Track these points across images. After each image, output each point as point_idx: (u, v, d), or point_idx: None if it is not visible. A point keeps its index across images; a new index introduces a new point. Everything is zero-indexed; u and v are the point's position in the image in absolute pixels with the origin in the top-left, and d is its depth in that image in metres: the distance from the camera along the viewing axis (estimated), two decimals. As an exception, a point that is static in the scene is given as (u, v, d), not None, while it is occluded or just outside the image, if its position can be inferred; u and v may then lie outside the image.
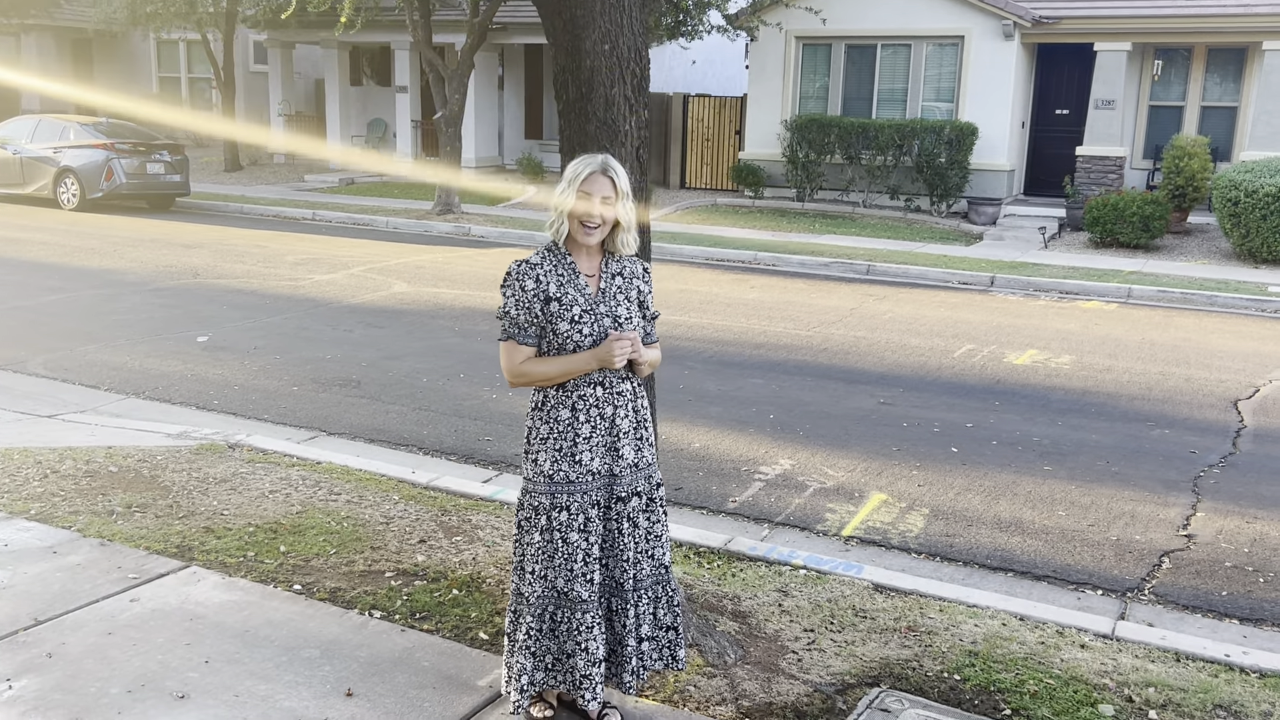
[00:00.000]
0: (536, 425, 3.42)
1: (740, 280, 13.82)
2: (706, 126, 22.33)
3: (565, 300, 3.34)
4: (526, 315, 3.35)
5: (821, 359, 9.54)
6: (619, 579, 3.49)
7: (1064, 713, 3.86)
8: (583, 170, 3.35)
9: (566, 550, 3.40)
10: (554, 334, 3.35)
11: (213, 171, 25.11)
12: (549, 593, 3.43)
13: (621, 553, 3.47)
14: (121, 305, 11.00)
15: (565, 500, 3.38)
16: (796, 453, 6.99)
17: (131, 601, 4.36)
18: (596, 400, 3.39)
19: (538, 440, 3.41)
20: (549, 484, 3.38)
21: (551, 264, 3.39)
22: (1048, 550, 5.60)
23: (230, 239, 16.16)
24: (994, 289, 13.86)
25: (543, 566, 3.41)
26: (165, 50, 30.15)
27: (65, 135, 19.16)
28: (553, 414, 3.38)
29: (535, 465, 3.41)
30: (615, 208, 3.37)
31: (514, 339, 3.37)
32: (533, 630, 3.43)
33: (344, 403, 7.88)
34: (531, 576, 3.42)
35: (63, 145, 18.98)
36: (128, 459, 6.15)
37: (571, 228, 3.37)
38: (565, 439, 3.38)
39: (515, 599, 3.52)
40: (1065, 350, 10.11)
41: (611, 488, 3.44)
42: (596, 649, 3.40)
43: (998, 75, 18.83)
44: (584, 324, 3.35)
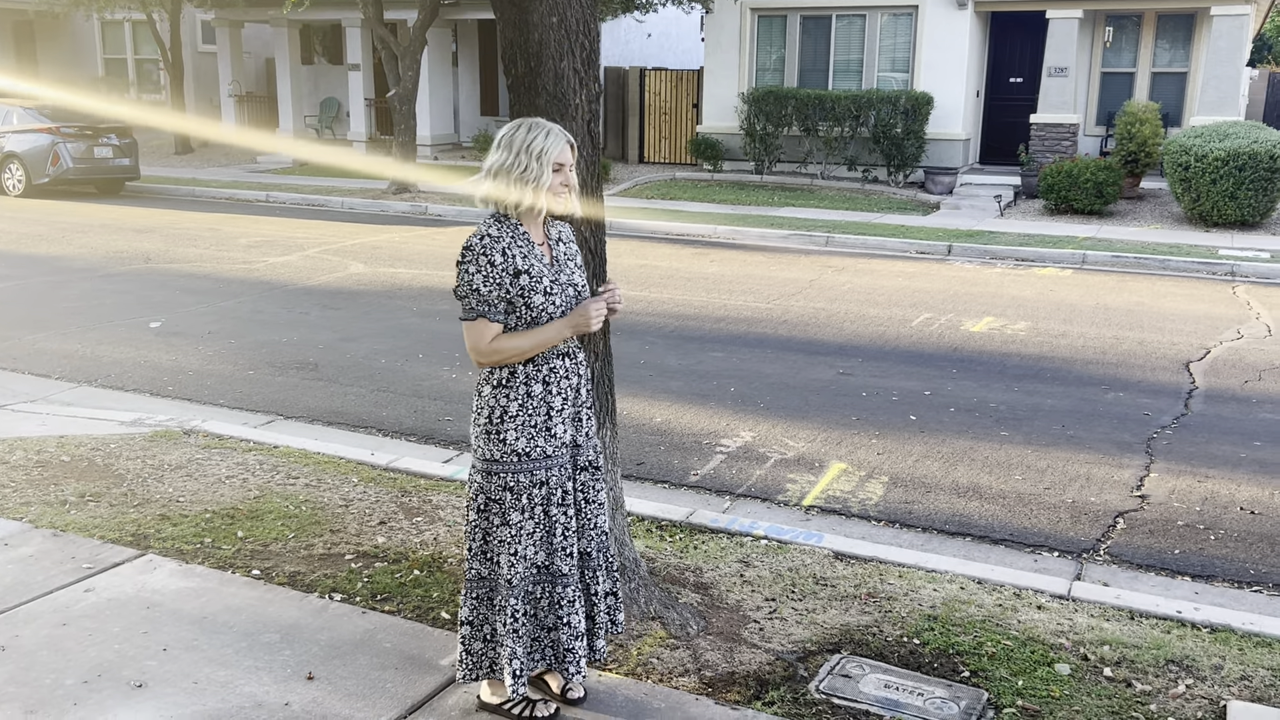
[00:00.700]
0: (502, 403, 3.32)
1: (700, 254, 13.82)
2: (664, 101, 22.25)
3: (534, 273, 3.29)
4: (497, 291, 3.25)
5: (781, 331, 9.57)
6: (586, 548, 3.50)
7: (1021, 673, 3.92)
8: (551, 145, 3.28)
9: (548, 524, 3.39)
10: (526, 308, 3.27)
11: (163, 154, 24.72)
12: (529, 571, 3.39)
13: (588, 521, 3.49)
14: (71, 292, 10.81)
15: (544, 475, 3.35)
16: (757, 425, 7.01)
17: (86, 592, 4.30)
18: (565, 371, 3.39)
19: (505, 419, 3.31)
20: (524, 461, 3.33)
21: (510, 235, 3.32)
22: (1005, 514, 5.67)
23: (182, 222, 15.93)
24: (951, 258, 13.95)
25: (523, 546, 3.36)
26: (110, 31, 29.57)
27: (8, 120, 18.76)
28: (523, 389, 3.31)
29: (503, 445, 3.31)
30: (572, 173, 3.38)
31: (484, 316, 3.27)
32: (518, 613, 3.37)
33: (301, 386, 7.80)
34: (513, 558, 3.35)
35: (6, 130, 18.59)
36: (80, 448, 6.06)
37: (548, 201, 3.32)
38: (538, 414, 3.33)
39: (478, 584, 3.45)
40: (1021, 317, 10.20)
41: (576, 458, 3.45)
42: (579, 623, 3.40)
43: (952, 44, 18.90)
44: (555, 295, 3.32)
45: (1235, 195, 14.91)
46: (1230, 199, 14.97)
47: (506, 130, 3.37)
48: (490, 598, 3.44)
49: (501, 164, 3.32)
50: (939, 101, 18.76)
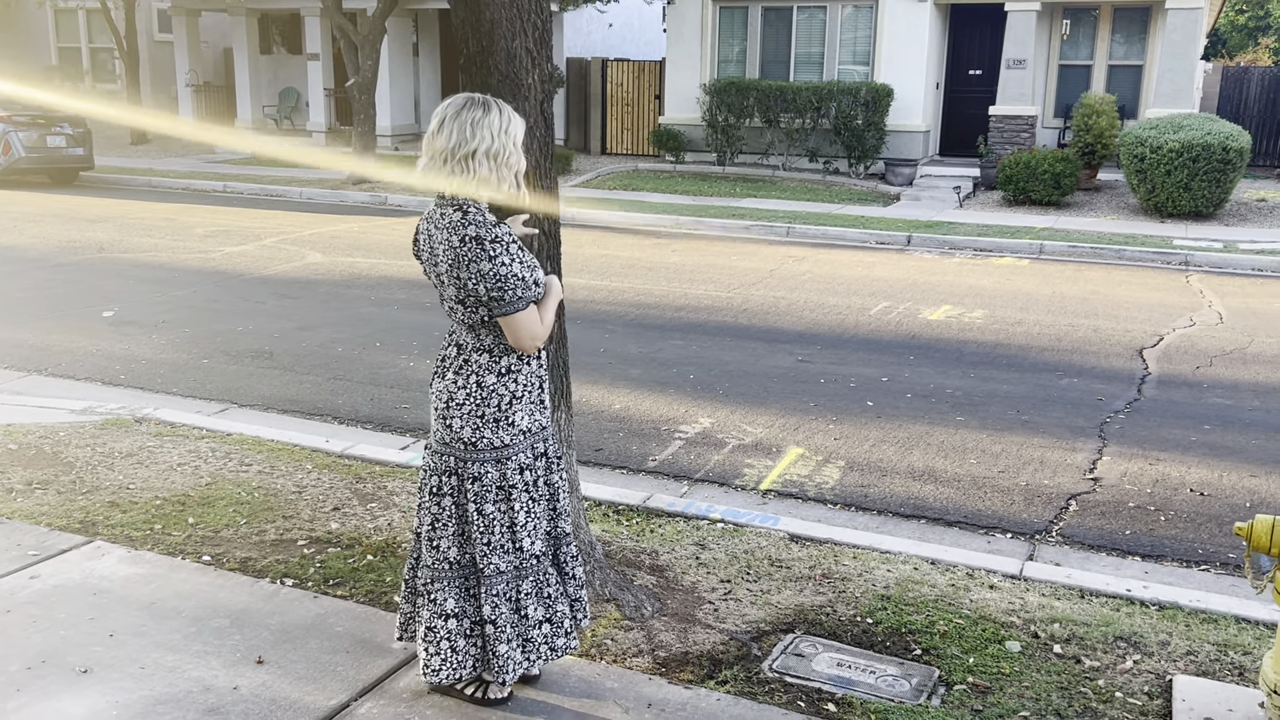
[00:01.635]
0: (510, 389, 3.25)
1: (662, 245, 13.81)
2: (626, 92, 22.22)
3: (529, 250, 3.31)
4: (531, 274, 3.16)
5: (741, 319, 9.59)
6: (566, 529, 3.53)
7: (972, 650, 3.95)
8: (519, 128, 3.23)
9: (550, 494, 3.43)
10: (536, 285, 3.22)
11: (119, 144, 24.37)
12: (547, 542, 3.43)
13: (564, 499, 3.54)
14: (22, 282, 10.63)
15: (543, 447, 3.38)
16: (716, 411, 7.02)
17: (31, 579, 4.23)
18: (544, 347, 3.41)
19: (514, 402, 3.25)
20: (529, 437, 3.31)
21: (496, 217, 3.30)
22: (959, 497, 5.71)
23: (137, 212, 15.71)
24: (910, 248, 14.04)
25: (539, 519, 3.36)
26: (64, 19, 29.10)
27: (-41, 108, 18.41)
28: (528, 369, 3.28)
29: (513, 427, 3.25)
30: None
31: (534, 302, 3.19)
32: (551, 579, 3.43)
33: (256, 374, 7.72)
34: (532, 534, 3.33)
35: (-44, 119, 18.24)
36: (28, 436, 5.97)
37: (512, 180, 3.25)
38: (535, 388, 3.32)
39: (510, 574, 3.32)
40: (979, 305, 10.28)
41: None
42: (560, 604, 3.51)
43: (911, 37, 19.00)
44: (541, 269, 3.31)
45: (1189, 186, 15.11)
46: (1184, 190, 15.16)
47: (469, 111, 3.16)
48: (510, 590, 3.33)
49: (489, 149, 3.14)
50: (899, 94, 18.86)
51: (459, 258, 3.09)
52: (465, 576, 3.37)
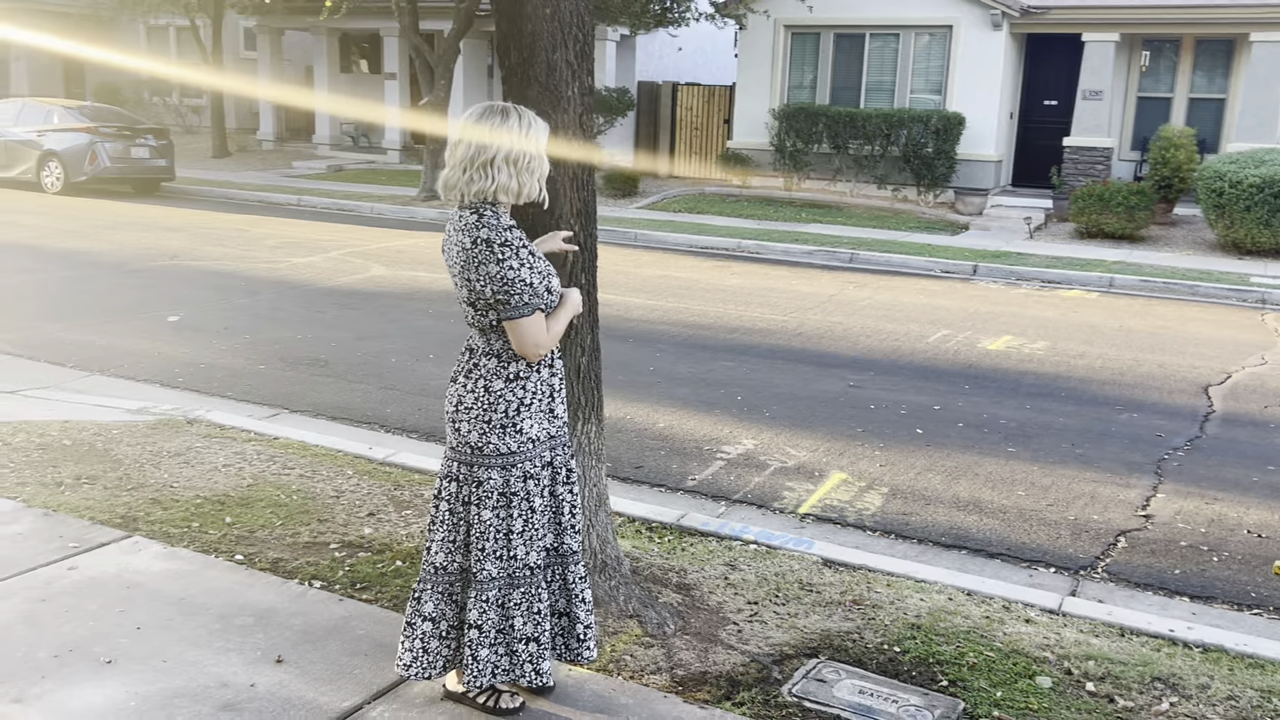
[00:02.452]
0: (519, 395, 3.25)
1: (722, 267, 13.78)
2: (695, 115, 22.28)
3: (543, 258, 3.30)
4: (541, 281, 3.18)
5: (795, 343, 9.51)
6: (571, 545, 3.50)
7: (1001, 684, 3.84)
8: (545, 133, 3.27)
9: (555, 505, 3.41)
10: (548, 292, 3.24)
11: (201, 157, 25.03)
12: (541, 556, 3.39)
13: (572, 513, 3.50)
14: (95, 286, 10.95)
15: (549, 456, 3.36)
16: (760, 433, 6.95)
17: (69, 569, 4.33)
18: (555, 354, 3.39)
19: (521, 409, 3.25)
20: (537, 446, 3.30)
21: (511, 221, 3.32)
22: (1004, 529, 5.57)
23: (212, 223, 16.11)
24: (976, 277, 13.83)
25: (540, 531, 3.34)
26: (155, 36, 30.04)
27: (49, 119, 19.09)
28: (537, 376, 3.28)
29: (520, 434, 3.25)
30: None
31: (540, 309, 3.20)
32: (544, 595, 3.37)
33: (310, 381, 7.84)
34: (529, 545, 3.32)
35: (47, 129, 18.91)
36: (83, 432, 6.11)
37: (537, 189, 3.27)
38: (545, 396, 3.31)
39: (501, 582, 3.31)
40: (1041, 336, 10.08)
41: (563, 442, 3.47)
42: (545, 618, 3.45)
43: (985, 65, 18.79)
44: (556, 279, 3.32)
45: (1269, 223, 14.68)
46: (1264, 226, 14.73)
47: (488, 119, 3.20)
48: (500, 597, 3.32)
49: (508, 154, 3.17)
50: (971, 122, 18.64)
51: (469, 259, 3.12)
52: (450, 582, 3.36)
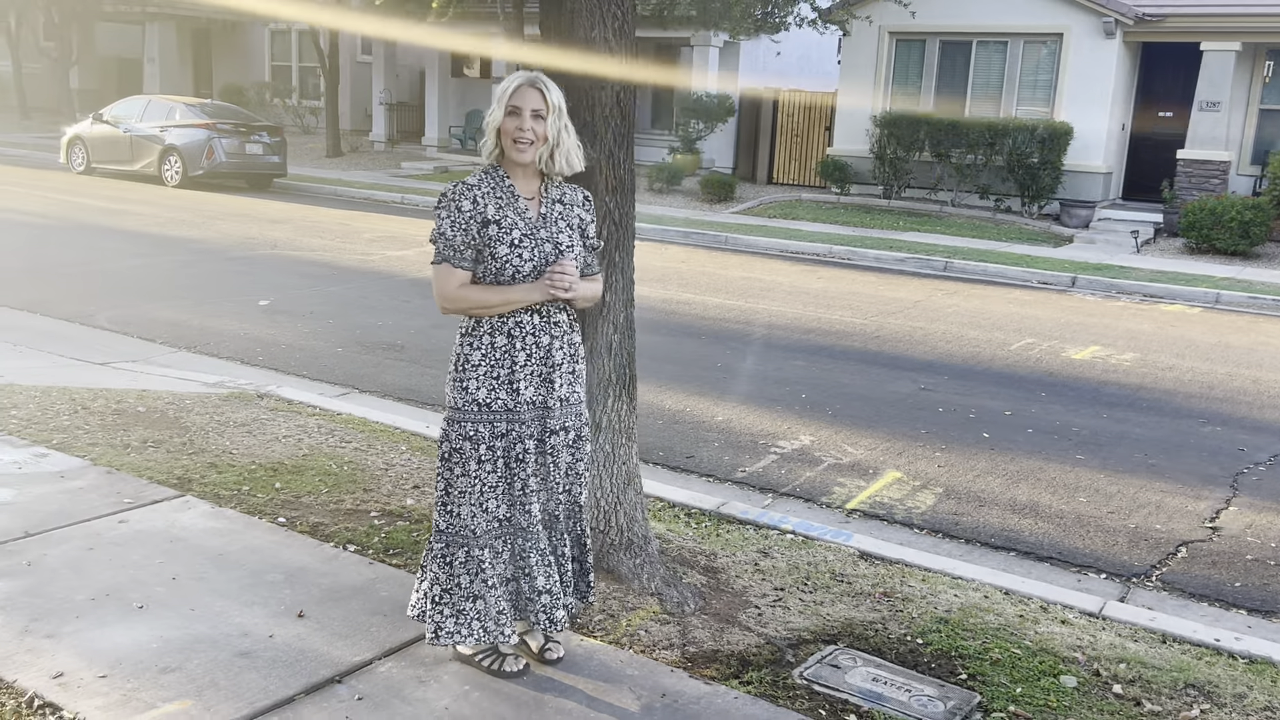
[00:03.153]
0: (466, 351, 3.34)
1: (809, 271, 13.67)
2: (796, 122, 22.14)
3: (504, 223, 3.28)
4: (463, 238, 3.28)
5: (871, 346, 9.38)
6: (554, 513, 3.47)
7: (1022, 681, 3.73)
8: (510, 85, 3.28)
9: (508, 478, 3.37)
10: (492, 258, 3.27)
11: (314, 156, 25.83)
12: (493, 525, 3.38)
13: (554, 487, 3.44)
14: (197, 271, 11.40)
15: (504, 427, 3.33)
16: (819, 430, 6.88)
17: (120, 523, 4.52)
18: (533, 328, 3.33)
19: (468, 367, 3.33)
20: (484, 411, 3.32)
21: (489, 185, 3.34)
22: (1058, 533, 5.41)
23: (315, 217, 16.62)
24: (1074, 289, 13.43)
25: (483, 497, 3.35)
26: (278, 39, 31.16)
27: (171, 115, 19.95)
28: (487, 340, 3.32)
29: (465, 393, 3.32)
30: (546, 123, 3.28)
31: (449, 262, 3.30)
32: (484, 564, 3.36)
33: (383, 364, 8.03)
34: (474, 509, 3.34)
35: (169, 124, 19.76)
36: (157, 401, 6.38)
37: (505, 145, 3.29)
38: (502, 366, 3.31)
39: (438, 538, 3.42)
40: (1130, 348, 9.74)
41: (544, 420, 3.38)
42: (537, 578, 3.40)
43: (1097, 74, 18.24)
44: (524, 248, 3.28)
45: (1395, 241, 13.92)
46: (1389, 244, 13.97)
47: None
48: (447, 552, 3.41)
49: (486, 119, 3.35)
50: (1079, 132, 18.11)
51: None
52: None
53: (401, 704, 3.33)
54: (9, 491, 4.76)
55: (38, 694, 3.23)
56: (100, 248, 12.48)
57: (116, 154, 20.35)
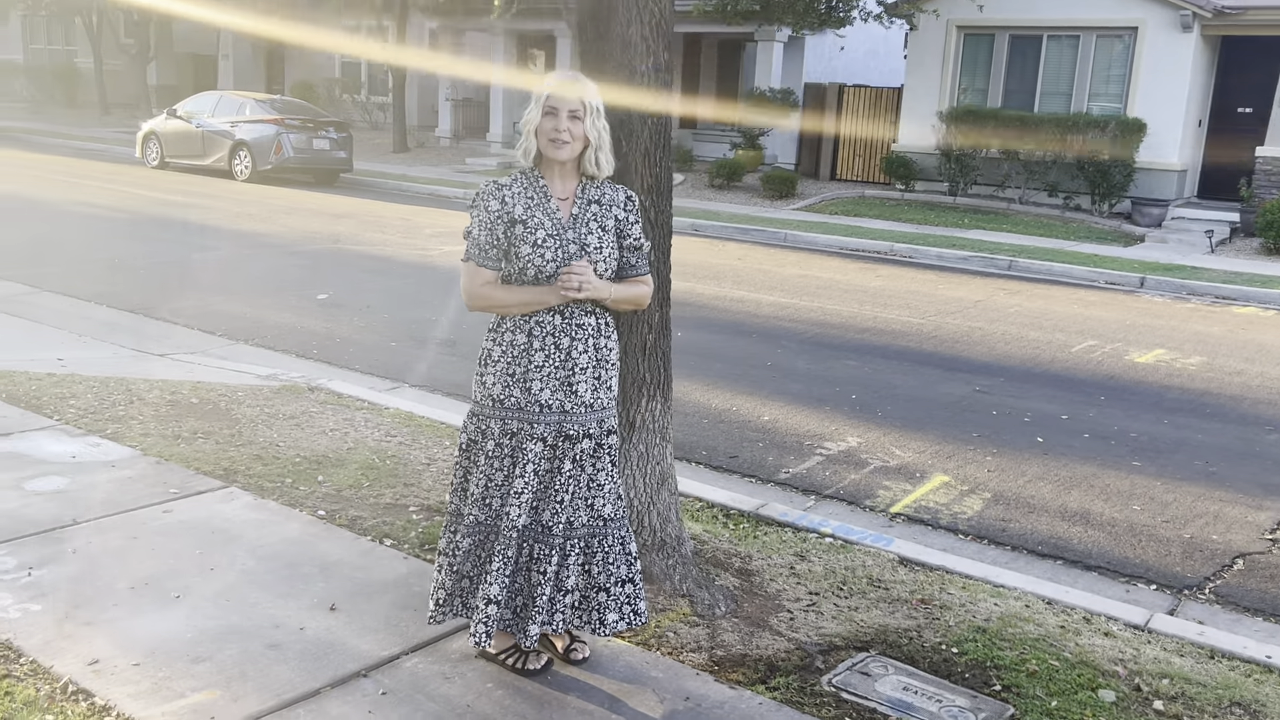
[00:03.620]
0: (488, 347, 3.37)
1: (868, 269, 13.51)
2: (860, 118, 21.88)
3: (530, 223, 3.26)
4: (489, 237, 3.28)
5: (926, 346, 9.23)
6: (547, 523, 3.35)
7: (1059, 694, 3.64)
8: (548, 85, 3.28)
9: (510, 478, 3.35)
10: (515, 258, 3.27)
11: (381, 152, 26.16)
12: (490, 519, 3.38)
13: (557, 494, 3.34)
14: (259, 264, 11.61)
15: (515, 426, 3.32)
16: (867, 432, 6.79)
17: (164, 512, 4.61)
18: (553, 329, 3.30)
19: (489, 362, 3.35)
20: (497, 408, 3.32)
21: (522, 186, 3.33)
22: (1108, 542, 5.27)
23: (379, 211, 16.83)
24: (1142, 290, 13.10)
25: (483, 491, 3.36)
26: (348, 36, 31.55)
27: (241, 111, 20.33)
28: (508, 336, 3.32)
29: (484, 388, 3.35)
30: (584, 124, 3.27)
31: (474, 260, 3.32)
32: (460, 552, 3.40)
33: (435, 359, 8.10)
34: (473, 500, 3.37)
35: (239, 120, 20.15)
36: (210, 393, 6.50)
37: (540, 144, 3.28)
38: (518, 364, 3.30)
39: (452, 520, 3.49)
40: (1197, 352, 9.47)
41: (561, 425, 3.33)
42: (490, 585, 3.31)
43: (1172, 69, 17.75)
44: (547, 249, 3.25)
45: None
46: None
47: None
48: (451, 535, 3.45)
49: (522, 119, 3.36)
50: (1153, 129, 17.65)
51: None
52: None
53: (424, 699, 3.34)
54: (62, 480, 4.88)
55: (72, 680, 3.30)
56: (167, 240, 12.77)
57: (189, 149, 20.80)
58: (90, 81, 34.21)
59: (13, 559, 4.08)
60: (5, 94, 34.96)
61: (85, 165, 21.38)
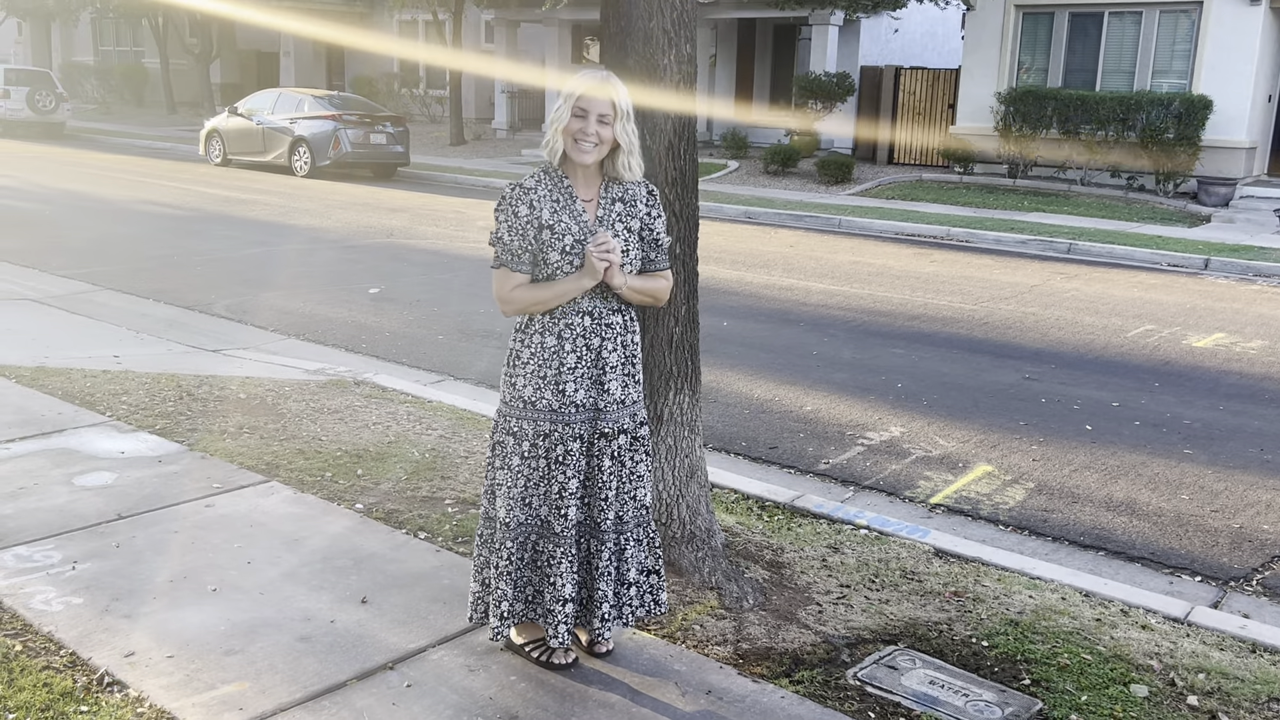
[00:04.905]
0: (517, 349, 3.37)
1: (922, 255, 13.34)
2: (918, 100, 21.60)
3: (558, 229, 3.25)
4: (520, 242, 3.27)
5: (977, 333, 9.11)
6: (596, 519, 3.41)
7: (1090, 688, 3.58)
8: (579, 85, 3.26)
9: (549, 478, 3.37)
10: (544, 264, 3.27)
11: (439, 145, 26.41)
12: (532, 520, 3.41)
13: (601, 491, 3.38)
14: (313, 259, 11.80)
15: (548, 427, 3.33)
16: (911, 421, 6.72)
17: (206, 507, 4.72)
18: (584, 330, 3.31)
19: (518, 364, 3.35)
20: (529, 410, 3.34)
21: (547, 188, 3.31)
22: (1153, 533, 5.17)
23: (433, 205, 17.00)
24: (1206, 272, 12.78)
25: (523, 492, 3.38)
26: (405, 30, 31.91)
27: (300, 107, 20.65)
28: (537, 339, 3.33)
29: (514, 389, 3.36)
30: (614, 127, 3.25)
31: (506, 266, 3.30)
32: (514, 558, 3.39)
33: (481, 352, 8.17)
34: (512, 502, 3.37)
35: (298, 116, 20.47)
36: (258, 388, 6.63)
37: (566, 146, 3.27)
38: (550, 366, 3.31)
39: (486, 524, 3.50)
40: (1259, 335, 9.22)
41: (595, 422, 3.36)
42: (563, 586, 3.36)
43: (1240, 43, 17.26)
44: (576, 254, 3.24)
45: None
46: None
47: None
48: (485, 535, 3.49)
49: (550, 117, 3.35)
50: (1219, 106, 17.18)
51: None
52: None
53: (448, 692, 3.39)
54: (110, 475, 5.02)
55: (108, 671, 3.40)
56: (225, 237, 13.03)
57: (250, 146, 21.19)
58: (158, 81, 34.99)
59: (59, 553, 4.21)
60: (77, 95, 35.87)
61: (151, 164, 21.88)
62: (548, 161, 3.38)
